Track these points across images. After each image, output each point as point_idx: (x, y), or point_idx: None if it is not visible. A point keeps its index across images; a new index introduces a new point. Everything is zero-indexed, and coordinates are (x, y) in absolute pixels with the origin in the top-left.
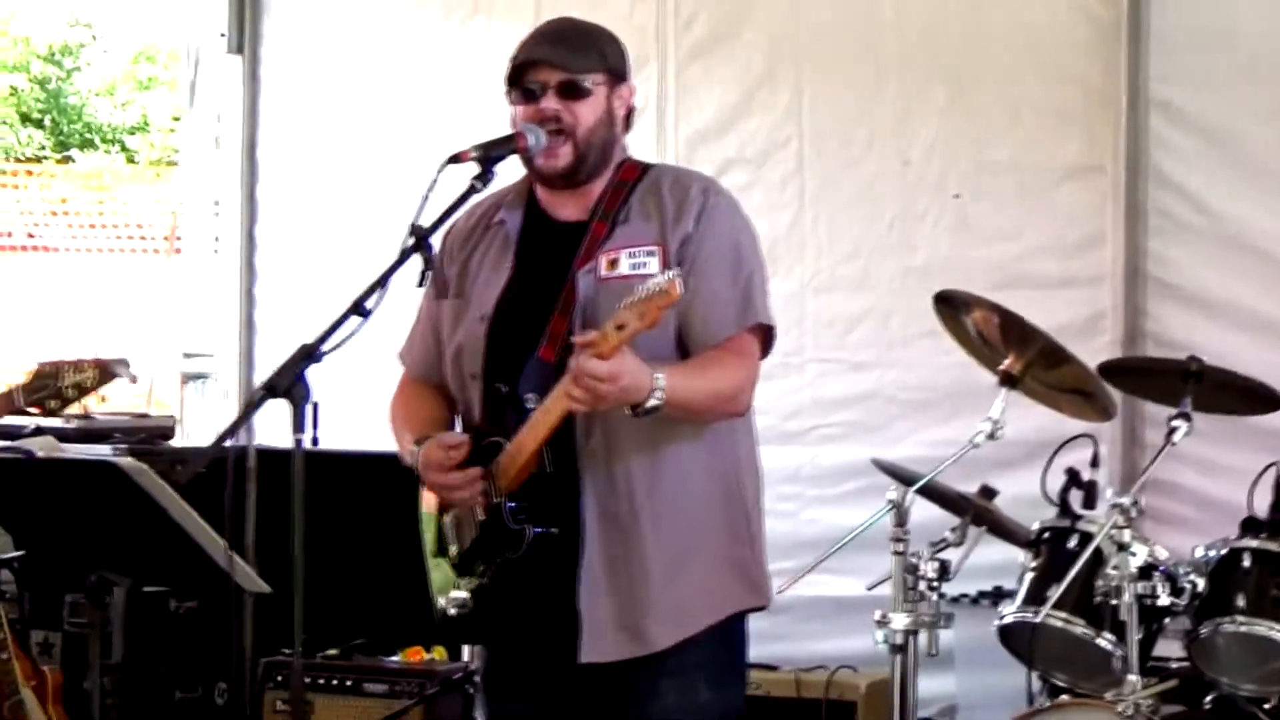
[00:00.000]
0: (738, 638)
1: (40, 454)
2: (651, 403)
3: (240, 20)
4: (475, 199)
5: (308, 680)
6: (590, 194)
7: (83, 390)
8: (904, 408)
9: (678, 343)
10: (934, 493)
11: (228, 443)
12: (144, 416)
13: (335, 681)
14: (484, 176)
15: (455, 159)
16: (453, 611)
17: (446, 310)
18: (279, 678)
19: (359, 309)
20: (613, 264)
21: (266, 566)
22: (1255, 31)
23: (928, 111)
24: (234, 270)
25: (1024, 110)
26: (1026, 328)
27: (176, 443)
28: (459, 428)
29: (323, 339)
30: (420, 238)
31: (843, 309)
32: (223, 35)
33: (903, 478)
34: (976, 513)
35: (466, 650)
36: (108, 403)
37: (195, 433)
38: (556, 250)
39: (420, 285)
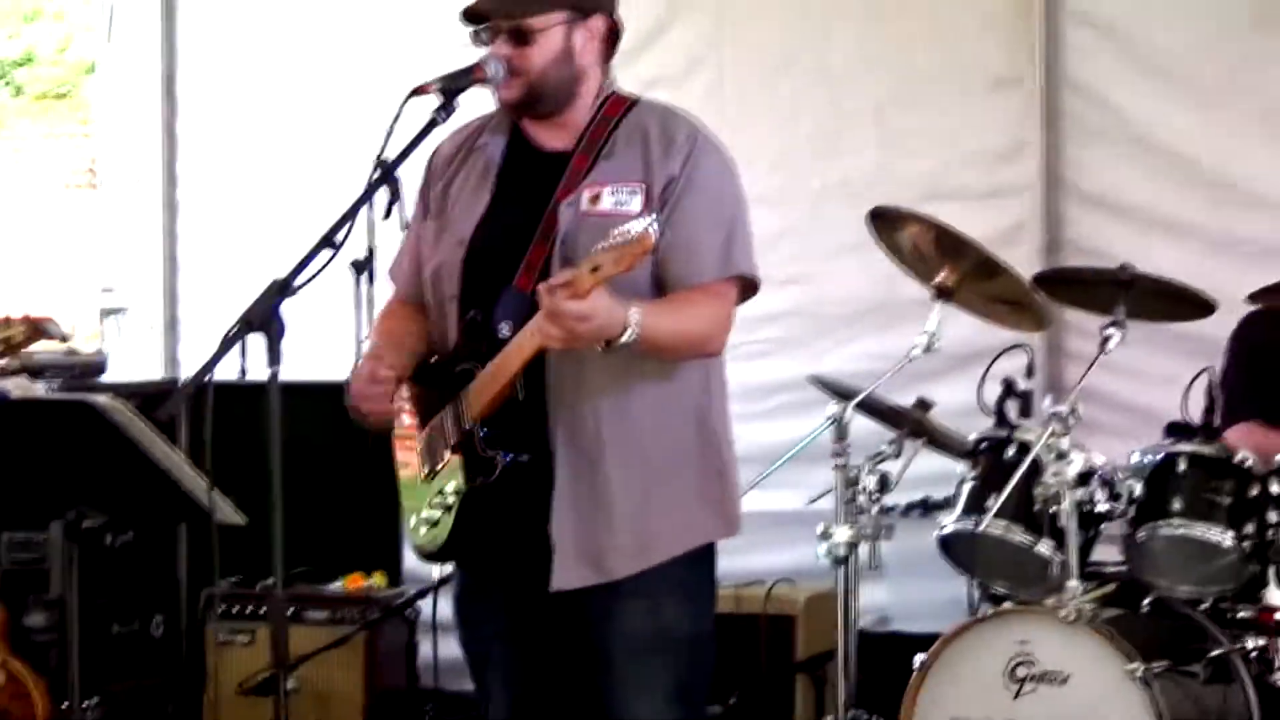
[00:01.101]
0: (705, 560)
1: (15, 394)
2: (625, 339)
3: None
4: (437, 131)
5: (249, 611)
6: (573, 124)
7: (11, 346)
8: (828, 322)
9: (655, 284)
10: (871, 406)
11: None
12: (73, 353)
13: None
14: (446, 108)
15: (418, 91)
16: (424, 531)
17: (428, 231)
18: (220, 608)
19: (329, 242)
20: (595, 199)
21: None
22: None
23: (848, 24)
24: (154, 206)
25: (944, 21)
26: (961, 241)
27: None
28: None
29: (295, 272)
30: (386, 171)
31: (765, 225)
32: None
33: (841, 392)
34: (914, 425)
35: (436, 571)
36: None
37: (118, 367)
38: (537, 179)
39: (386, 218)
